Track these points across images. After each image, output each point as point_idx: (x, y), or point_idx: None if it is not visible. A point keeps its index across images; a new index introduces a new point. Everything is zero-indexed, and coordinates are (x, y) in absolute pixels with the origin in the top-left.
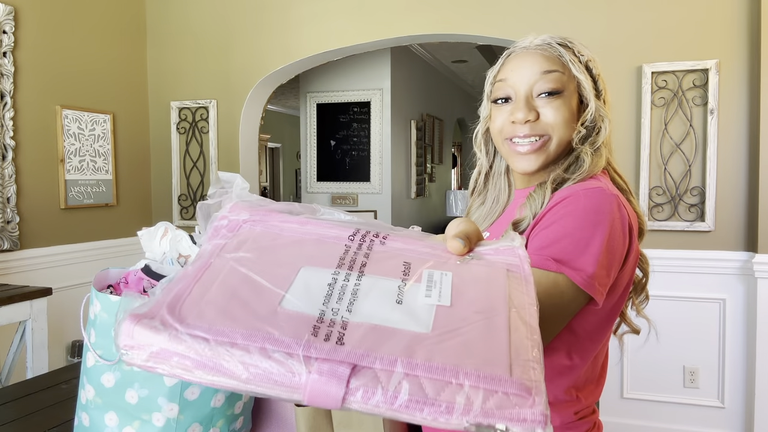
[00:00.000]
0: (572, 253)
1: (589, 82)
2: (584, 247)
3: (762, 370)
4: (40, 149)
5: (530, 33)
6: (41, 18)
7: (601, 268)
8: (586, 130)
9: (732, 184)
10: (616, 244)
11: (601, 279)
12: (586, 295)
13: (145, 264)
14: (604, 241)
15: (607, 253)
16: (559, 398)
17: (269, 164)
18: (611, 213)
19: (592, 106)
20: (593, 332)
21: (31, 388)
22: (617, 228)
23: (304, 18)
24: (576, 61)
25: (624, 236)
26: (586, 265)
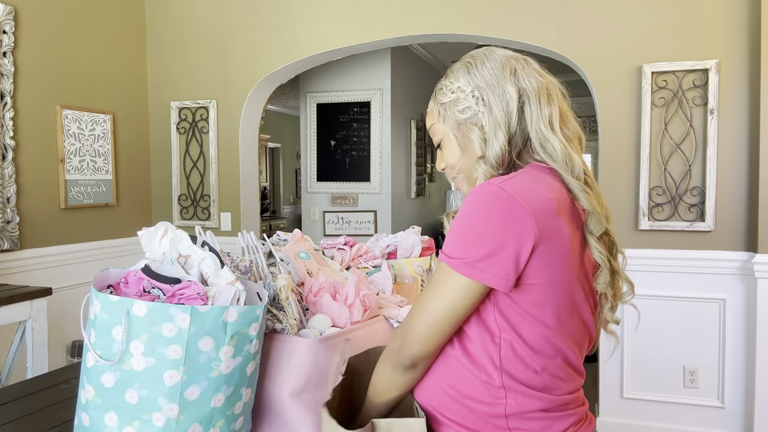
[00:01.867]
0: (447, 243)
1: (447, 122)
2: (454, 235)
3: (762, 370)
4: (40, 149)
5: (528, 34)
6: (41, 18)
7: (467, 249)
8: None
9: (732, 184)
10: (488, 223)
11: (478, 262)
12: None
13: (145, 264)
14: (469, 225)
15: (472, 233)
16: None
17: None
18: (482, 201)
19: (455, 143)
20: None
21: (31, 388)
22: (486, 210)
23: (304, 18)
24: (436, 107)
25: (502, 216)
26: (453, 251)
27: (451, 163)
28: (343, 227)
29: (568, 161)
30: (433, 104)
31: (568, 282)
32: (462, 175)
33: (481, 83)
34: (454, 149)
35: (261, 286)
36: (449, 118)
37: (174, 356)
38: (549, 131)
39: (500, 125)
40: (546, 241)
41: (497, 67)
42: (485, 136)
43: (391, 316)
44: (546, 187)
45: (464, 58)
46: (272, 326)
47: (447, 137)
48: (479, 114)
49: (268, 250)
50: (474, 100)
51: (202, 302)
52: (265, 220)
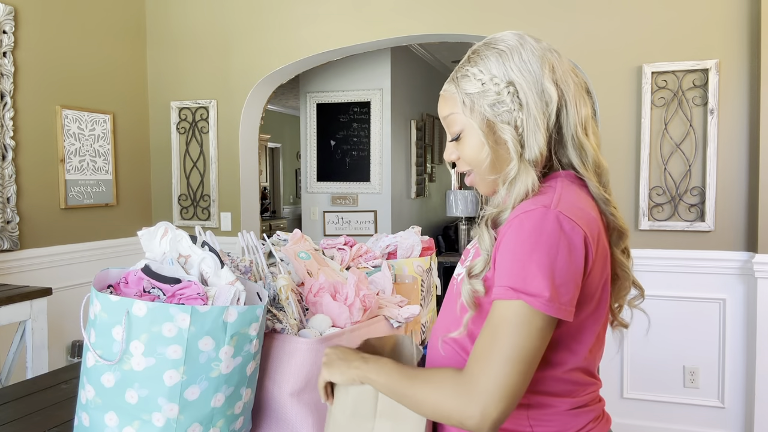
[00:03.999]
0: (524, 279)
1: (474, 117)
2: (535, 271)
3: (762, 370)
4: (40, 149)
5: (527, 34)
6: (41, 18)
7: (556, 287)
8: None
9: (732, 184)
10: (567, 259)
11: (560, 297)
12: (550, 317)
13: (145, 264)
14: (552, 261)
15: (558, 270)
16: None
17: (269, 164)
18: (552, 231)
19: (482, 139)
20: (570, 343)
21: (31, 388)
22: (563, 244)
23: (303, 18)
24: (460, 96)
25: (573, 249)
26: (541, 289)
27: (471, 158)
28: (343, 227)
29: (597, 169)
30: (456, 91)
31: (603, 293)
32: (477, 174)
33: (518, 78)
34: (477, 146)
35: (261, 286)
36: (476, 112)
37: (174, 356)
38: (584, 136)
39: (539, 126)
40: (599, 263)
41: (536, 61)
42: (521, 137)
43: (391, 316)
44: (588, 204)
45: (492, 42)
46: (272, 326)
47: (471, 131)
48: (514, 112)
49: (268, 250)
50: (509, 96)
51: (202, 302)
52: (265, 220)
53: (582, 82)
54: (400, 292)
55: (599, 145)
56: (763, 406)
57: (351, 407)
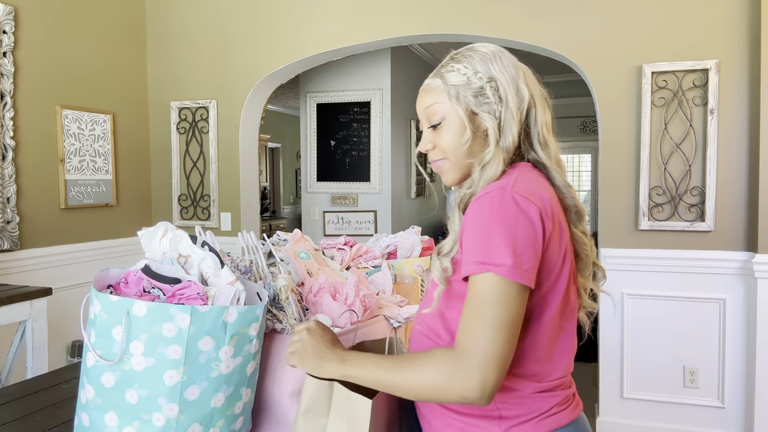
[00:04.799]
0: (490, 252)
1: (460, 104)
2: (498, 243)
3: (762, 370)
4: (40, 149)
5: (529, 34)
6: (41, 18)
7: (518, 256)
8: (470, 144)
9: (732, 184)
10: (525, 230)
11: (522, 264)
12: (519, 285)
13: (145, 264)
14: (512, 233)
15: (518, 240)
16: None
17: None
18: (509, 208)
19: (465, 124)
20: (534, 321)
21: (31, 388)
22: (520, 217)
23: (303, 18)
24: (445, 87)
25: (529, 221)
26: (504, 258)
27: (448, 145)
28: (343, 227)
29: (559, 162)
30: (441, 83)
31: (562, 273)
32: (451, 160)
33: (500, 76)
34: (458, 132)
35: (261, 286)
36: (461, 100)
37: (174, 356)
38: (548, 135)
39: (514, 119)
40: (555, 238)
41: (512, 66)
42: (499, 126)
43: (391, 316)
44: (542, 186)
45: (475, 48)
46: (272, 326)
47: (453, 119)
48: (494, 105)
49: (268, 250)
50: (491, 91)
51: (202, 302)
52: (265, 220)
53: (545, 94)
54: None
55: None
56: (763, 406)
57: (305, 404)
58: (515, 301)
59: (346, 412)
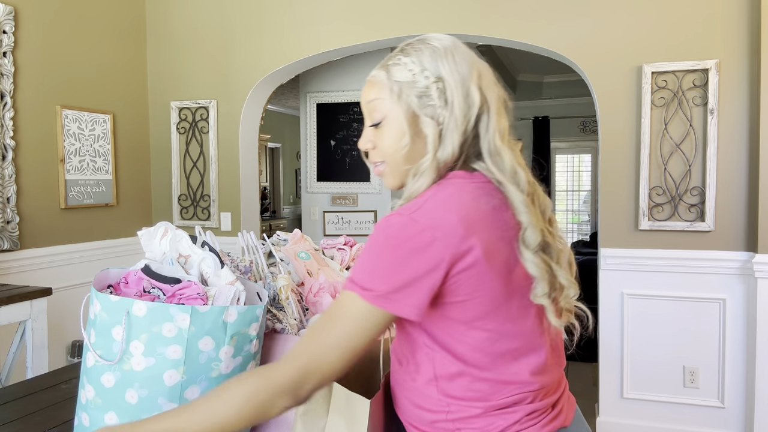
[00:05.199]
0: (363, 274)
1: (402, 104)
2: (373, 268)
3: (762, 370)
4: (40, 149)
5: (529, 34)
6: (41, 18)
7: (392, 283)
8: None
9: (732, 184)
10: (406, 259)
11: (395, 294)
12: (383, 312)
13: (145, 264)
14: (391, 260)
15: (395, 269)
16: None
17: (269, 164)
18: (397, 235)
19: (404, 127)
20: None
21: (31, 388)
22: (407, 246)
23: (303, 18)
24: (388, 83)
25: (417, 251)
26: (375, 284)
27: (387, 147)
28: (343, 227)
29: (514, 174)
30: (385, 77)
31: (501, 294)
32: (389, 165)
33: (448, 76)
34: (397, 135)
35: (261, 286)
36: (403, 100)
37: (174, 356)
38: (501, 143)
39: (458, 127)
40: (461, 263)
41: (466, 65)
42: (441, 133)
43: None
44: (463, 206)
45: (427, 39)
46: (272, 326)
47: (393, 119)
48: (438, 108)
49: (268, 250)
50: (437, 92)
51: (202, 302)
52: (265, 220)
53: (504, 97)
54: None
55: (522, 163)
56: (763, 406)
57: (304, 405)
58: (372, 327)
59: (345, 412)
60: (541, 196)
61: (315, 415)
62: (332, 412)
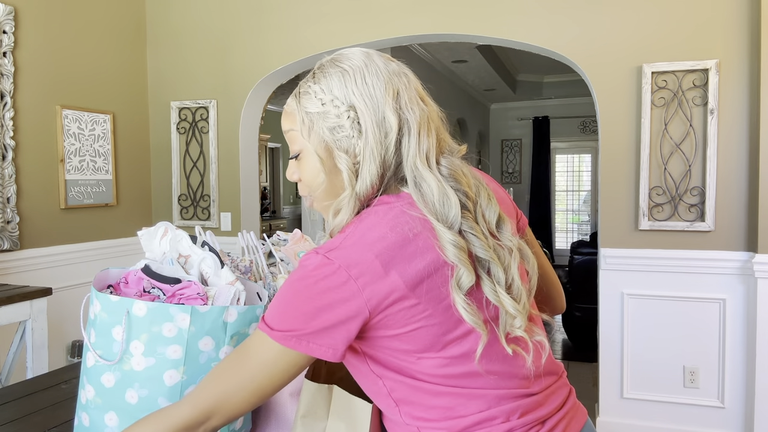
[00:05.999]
0: (273, 313)
1: (313, 139)
2: (284, 308)
3: (762, 370)
4: (40, 149)
5: (529, 34)
6: (41, 18)
7: (303, 323)
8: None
9: (732, 184)
10: (319, 298)
11: (305, 331)
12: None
13: (145, 264)
14: (304, 301)
15: (308, 308)
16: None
17: (269, 164)
18: (309, 275)
19: (317, 165)
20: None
21: (31, 388)
22: (319, 285)
23: (303, 18)
24: (299, 114)
25: (329, 290)
26: (282, 323)
27: (309, 182)
28: None
29: (443, 202)
30: (297, 107)
31: (442, 322)
32: (314, 198)
33: (359, 103)
34: (314, 169)
35: (261, 286)
36: (315, 133)
37: (174, 356)
38: (425, 168)
39: (375, 157)
40: (386, 300)
41: (380, 86)
42: (356, 166)
43: None
44: (387, 239)
45: (338, 59)
46: None
47: (309, 154)
48: (352, 139)
49: (268, 250)
50: (349, 122)
51: (202, 302)
52: (265, 220)
53: (430, 112)
54: None
55: (459, 171)
56: (763, 406)
57: (303, 408)
58: (282, 368)
59: (346, 416)
60: (485, 202)
61: (315, 418)
62: (332, 415)
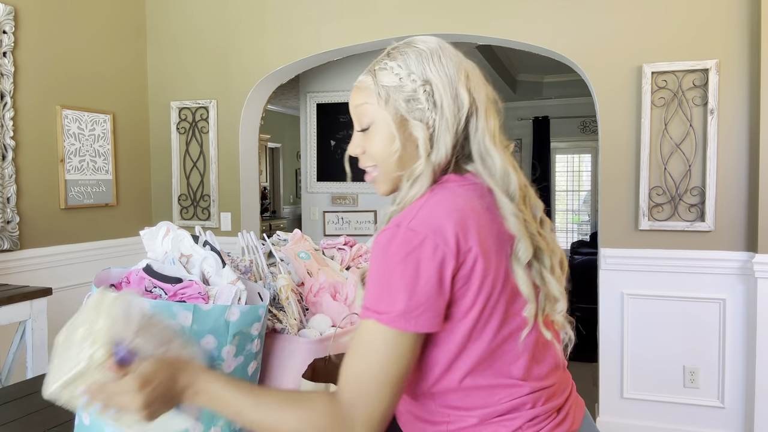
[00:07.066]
0: (374, 298)
1: (389, 109)
2: (383, 290)
3: (762, 370)
4: (40, 149)
5: (529, 34)
6: (41, 18)
7: (406, 301)
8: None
9: (732, 184)
10: (414, 272)
11: (411, 311)
12: (406, 333)
13: (146, 263)
14: (400, 277)
15: (407, 286)
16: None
17: (269, 164)
18: (400, 251)
19: (393, 132)
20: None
21: (31, 388)
22: (410, 259)
23: (303, 18)
24: (375, 88)
25: (421, 262)
26: (388, 306)
27: (377, 153)
28: (343, 227)
29: (505, 177)
30: (373, 82)
31: (498, 296)
32: (381, 170)
33: (435, 79)
34: (387, 139)
35: (262, 286)
36: (390, 104)
37: None
38: (492, 145)
39: (449, 128)
40: (466, 267)
41: (452, 66)
42: (432, 136)
43: None
44: (458, 207)
45: (413, 42)
46: (272, 326)
47: (381, 124)
48: (427, 111)
49: (268, 250)
50: (424, 95)
51: (203, 302)
52: (265, 220)
53: (493, 97)
54: None
55: (514, 165)
56: (763, 406)
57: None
58: (402, 351)
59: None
60: (533, 198)
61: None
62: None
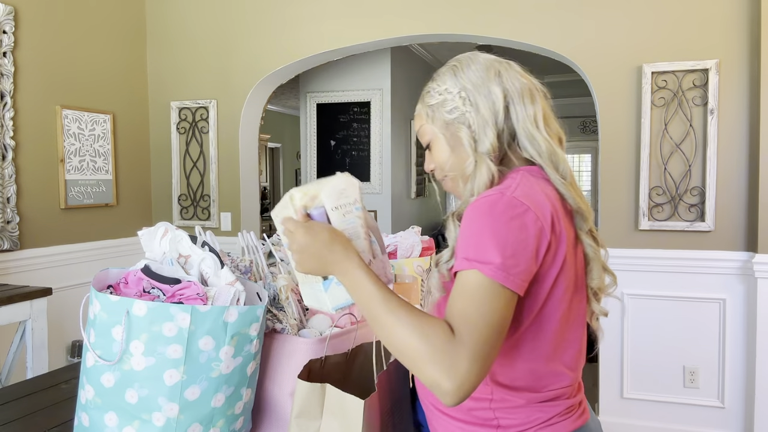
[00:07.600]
0: (477, 250)
1: (435, 123)
2: (486, 243)
3: (762, 370)
4: (40, 149)
5: (529, 34)
6: (41, 18)
7: (506, 258)
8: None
9: (732, 184)
10: (517, 235)
11: (510, 268)
12: (505, 289)
13: (145, 264)
14: (504, 235)
15: (509, 243)
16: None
17: (269, 164)
18: (504, 211)
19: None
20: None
21: (31, 388)
22: (514, 222)
23: (303, 18)
24: (424, 109)
25: (524, 227)
26: (492, 258)
27: (441, 162)
28: None
29: (552, 158)
30: (422, 107)
31: (571, 276)
32: (452, 174)
33: (468, 85)
34: (443, 148)
35: (261, 286)
36: (437, 119)
37: (174, 356)
38: (534, 129)
39: (488, 123)
40: (553, 246)
41: (482, 70)
42: (474, 134)
43: None
44: (543, 191)
45: (450, 62)
46: (272, 326)
47: (436, 137)
48: (466, 113)
49: (268, 250)
50: (461, 101)
51: (201, 303)
52: (265, 220)
53: (533, 85)
54: (400, 291)
55: (561, 140)
56: (763, 406)
57: (297, 407)
58: (501, 304)
59: (339, 414)
60: (575, 181)
61: (309, 417)
62: (326, 413)
